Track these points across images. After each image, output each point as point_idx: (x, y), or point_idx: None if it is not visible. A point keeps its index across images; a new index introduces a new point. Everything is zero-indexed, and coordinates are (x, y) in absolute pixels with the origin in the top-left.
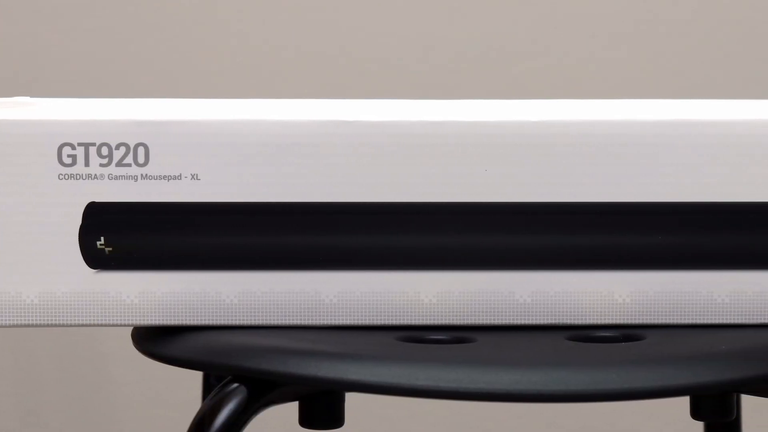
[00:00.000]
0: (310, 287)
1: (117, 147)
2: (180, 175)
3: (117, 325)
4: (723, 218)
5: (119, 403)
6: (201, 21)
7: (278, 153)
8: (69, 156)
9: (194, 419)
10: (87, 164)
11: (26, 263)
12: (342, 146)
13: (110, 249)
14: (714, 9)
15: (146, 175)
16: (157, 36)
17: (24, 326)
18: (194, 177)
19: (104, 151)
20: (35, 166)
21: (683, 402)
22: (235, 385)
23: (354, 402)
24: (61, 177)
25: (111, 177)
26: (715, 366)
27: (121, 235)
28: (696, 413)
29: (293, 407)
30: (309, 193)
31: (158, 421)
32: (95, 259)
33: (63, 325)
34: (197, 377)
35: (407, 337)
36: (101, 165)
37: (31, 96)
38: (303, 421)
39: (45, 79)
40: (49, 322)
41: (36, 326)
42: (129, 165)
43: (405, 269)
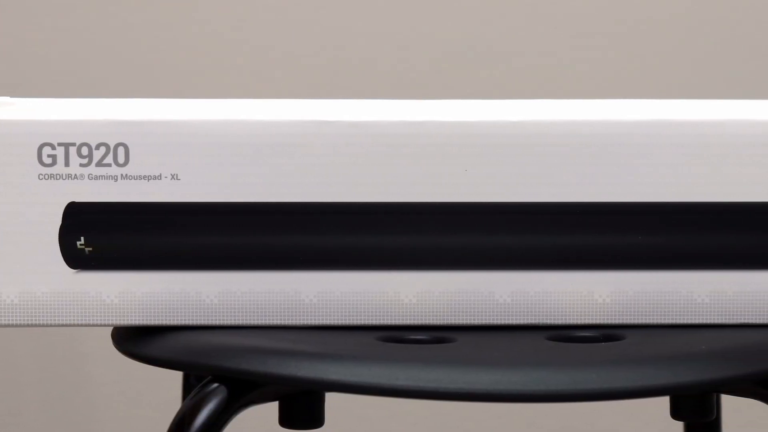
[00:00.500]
0: (290, 287)
1: (97, 147)
2: (160, 175)
3: (97, 325)
4: (703, 218)
5: (99, 403)
6: (181, 21)
7: (258, 153)
8: (49, 156)
9: (174, 419)
10: (67, 164)
11: (6, 263)
12: (322, 146)
13: (90, 249)
14: (697, 9)
15: (126, 175)
16: (137, 36)
17: (4, 326)
18: (174, 177)
19: (84, 151)
20: (15, 167)
21: (663, 402)
22: (215, 385)
23: (334, 402)
24: (41, 177)
25: (91, 177)
26: (695, 366)
27: (101, 235)
28: (676, 413)
29: (273, 407)
30: (289, 193)
31: (138, 421)
32: (75, 259)
33: (43, 325)
34: (177, 377)
35: (387, 337)
36: (81, 165)
37: (11, 96)
38: (283, 421)
39: (25, 80)
40: (29, 322)
41: (16, 326)
42: (109, 165)
43: (385, 269)
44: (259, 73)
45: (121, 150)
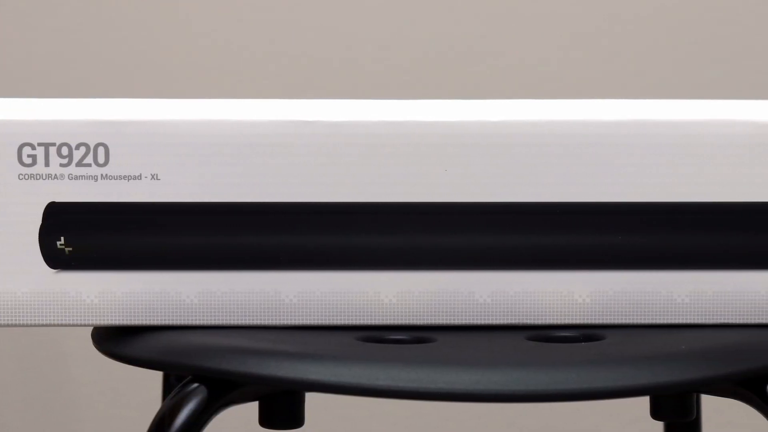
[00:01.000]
0: (271, 287)
1: (77, 147)
2: (140, 175)
3: (77, 325)
4: (683, 218)
5: (79, 403)
6: (161, 21)
7: (238, 153)
8: (29, 156)
9: (154, 419)
10: (47, 164)
11: None
12: (302, 146)
13: (70, 249)
14: (674, 9)
15: (106, 175)
16: (118, 36)
17: None
18: (154, 177)
19: (64, 151)
20: None
21: (643, 402)
22: (195, 385)
23: (314, 402)
24: (21, 177)
25: (71, 177)
26: (675, 366)
27: (81, 235)
28: (656, 413)
29: (253, 407)
30: (269, 193)
31: (118, 421)
32: (55, 259)
33: (23, 325)
34: (157, 377)
35: (367, 337)
36: (61, 165)
37: None
38: (263, 421)
39: (4, 80)
40: (9, 322)
41: None
42: (89, 165)
43: (365, 269)
44: (240, 73)
45: (101, 150)
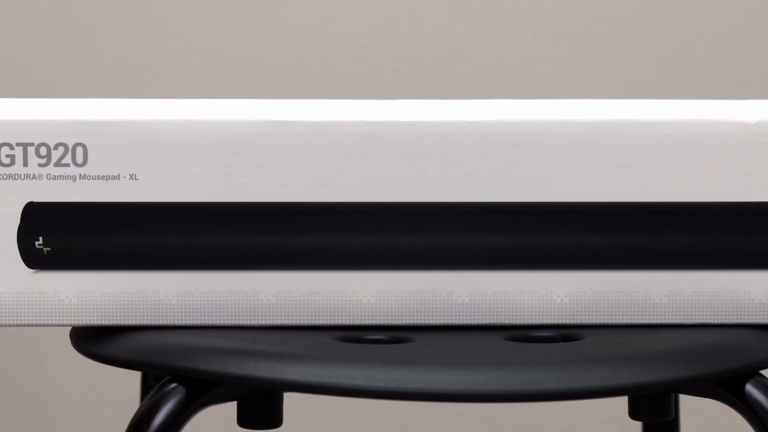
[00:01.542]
0: (249, 287)
1: (55, 147)
2: (118, 175)
3: (55, 325)
4: (661, 218)
5: (58, 404)
6: (139, 21)
7: (217, 153)
8: (7, 156)
9: (133, 419)
10: (25, 164)
11: None
12: (281, 146)
13: (49, 249)
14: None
15: (85, 175)
16: (96, 36)
17: None
18: (133, 177)
19: (43, 151)
20: None
21: (622, 402)
22: (174, 385)
23: (292, 402)
24: (0, 177)
25: (49, 177)
26: (653, 366)
27: (60, 235)
28: (634, 413)
29: (232, 407)
30: (247, 193)
31: (97, 421)
32: (33, 259)
33: (1, 325)
34: (136, 377)
35: (346, 337)
36: (40, 165)
37: None
38: (241, 421)
39: None
40: None
41: None
42: (67, 165)
43: (343, 269)
44: (218, 73)
45: (80, 150)
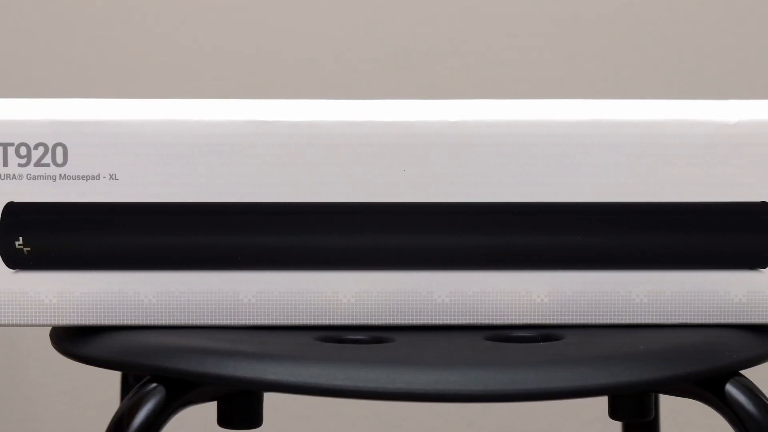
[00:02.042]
0: (229, 287)
1: (35, 147)
2: (98, 175)
3: (35, 325)
4: (641, 218)
5: (38, 404)
6: (119, 20)
7: (197, 153)
8: None
9: (113, 419)
10: (5, 164)
11: None
12: (260, 146)
13: (29, 249)
14: (631, 9)
15: (65, 175)
16: (75, 36)
17: None
18: (113, 177)
19: (22, 151)
20: None
21: (602, 402)
22: (154, 385)
23: (272, 402)
24: None
25: (29, 177)
26: (633, 366)
27: (40, 235)
28: (614, 413)
29: (212, 407)
30: (227, 193)
31: (77, 421)
32: (13, 259)
33: None
34: (116, 377)
35: (326, 337)
36: (20, 165)
37: None
38: (221, 421)
39: None
40: None
41: None
42: (47, 165)
43: (323, 269)
44: (198, 73)
45: (60, 150)
